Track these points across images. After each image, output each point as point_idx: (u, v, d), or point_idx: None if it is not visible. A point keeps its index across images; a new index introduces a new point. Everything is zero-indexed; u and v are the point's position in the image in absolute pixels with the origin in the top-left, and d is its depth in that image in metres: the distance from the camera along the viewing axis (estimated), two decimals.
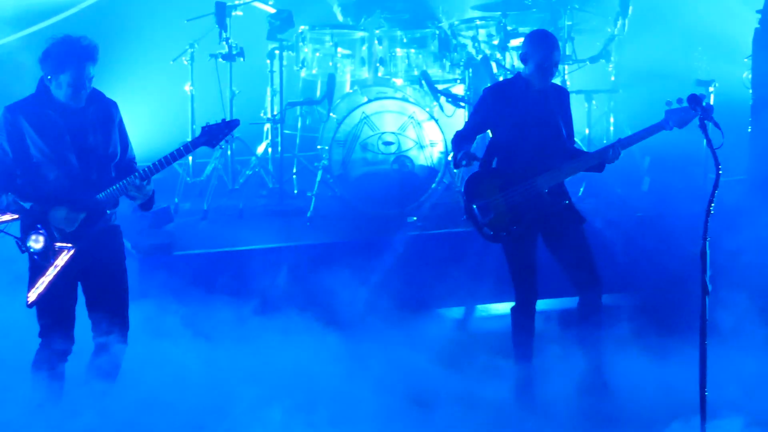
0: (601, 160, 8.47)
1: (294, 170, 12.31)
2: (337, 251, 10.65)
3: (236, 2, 12.21)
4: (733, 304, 9.14)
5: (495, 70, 11.88)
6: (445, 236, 11.00)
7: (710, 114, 7.40)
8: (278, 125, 12.25)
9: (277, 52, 12.27)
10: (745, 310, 9.30)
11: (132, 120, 8.15)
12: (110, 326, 7.62)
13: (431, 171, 11.51)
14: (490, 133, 8.64)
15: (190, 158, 12.27)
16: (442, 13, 12.64)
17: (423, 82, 11.98)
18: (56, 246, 7.35)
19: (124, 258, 7.73)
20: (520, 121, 8.42)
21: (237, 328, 9.31)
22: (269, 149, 12.50)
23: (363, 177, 11.46)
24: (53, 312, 7.51)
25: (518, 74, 8.66)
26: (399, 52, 12.15)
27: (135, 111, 10.33)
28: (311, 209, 11.39)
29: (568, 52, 12.35)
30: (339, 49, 12.16)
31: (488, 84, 11.15)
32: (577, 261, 8.50)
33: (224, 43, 12.03)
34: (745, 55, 12.36)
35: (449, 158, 11.29)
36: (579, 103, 12.22)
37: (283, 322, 9.50)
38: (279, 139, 12.26)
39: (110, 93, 7.74)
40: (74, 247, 7.37)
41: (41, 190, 7.40)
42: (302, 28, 12.18)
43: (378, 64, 12.03)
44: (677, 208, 11.17)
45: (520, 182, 8.38)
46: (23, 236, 7.34)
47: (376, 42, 12.06)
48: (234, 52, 12.02)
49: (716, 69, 12.75)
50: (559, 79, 12.09)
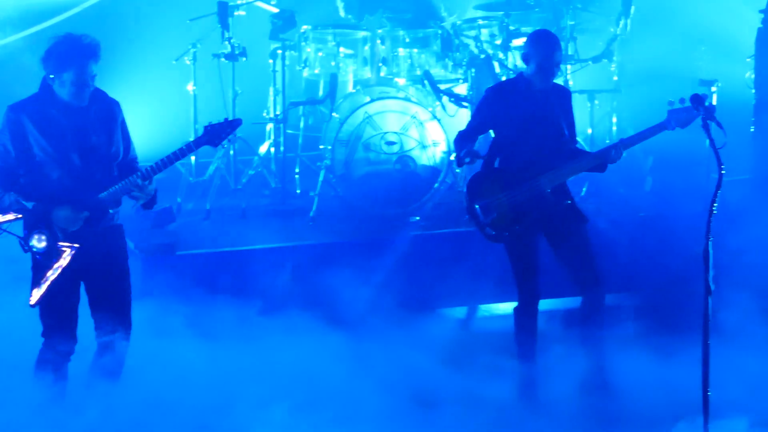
0: (603, 160, 8.48)
1: (297, 170, 12.29)
2: (339, 251, 10.65)
3: (239, 2, 12.20)
4: (736, 304, 9.14)
5: (497, 69, 11.87)
6: (447, 236, 10.99)
7: (713, 114, 7.39)
8: (281, 125, 12.24)
9: (279, 51, 12.26)
10: (748, 310, 9.30)
11: (134, 119, 8.14)
12: (113, 326, 7.62)
13: (434, 171, 11.50)
14: (492, 133, 8.64)
15: (193, 158, 12.26)
16: (444, 12, 12.63)
17: (425, 81, 11.97)
18: (59, 245, 7.35)
19: (126, 257, 7.73)
20: (522, 121, 8.42)
21: (240, 328, 9.32)
22: (272, 149, 12.49)
23: (365, 177, 11.45)
24: (56, 312, 7.51)
25: (520, 74, 8.66)
26: (401, 51, 12.13)
27: (137, 110, 10.31)
28: (314, 209, 11.38)
29: (571, 51, 12.33)
30: (341, 49, 12.15)
31: (491, 84, 11.14)
32: (579, 261, 8.50)
33: (227, 42, 12.02)
34: (748, 54, 12.35)
35: (452, 158, 11.28)
36: (581, 103, 12.20)
37: (286, 321, 9.51)
38: (281, 139, 12.25)
39: (113, 92, 7.74)
40: (77, 246, 7.38)
41: (44, 189, 7.40)
42: (305, 27, 12.16)
43: (380, 64, 12.01)
44: (680, 208, 11.16)
45: (522, 182, 8.38)
46: (26, 236, 7.33)
47: (378, 42, 12.04)
48: (236, 52, 12.00)
49: (719, 69, 12.72)
50: (562, 79, 12.08)
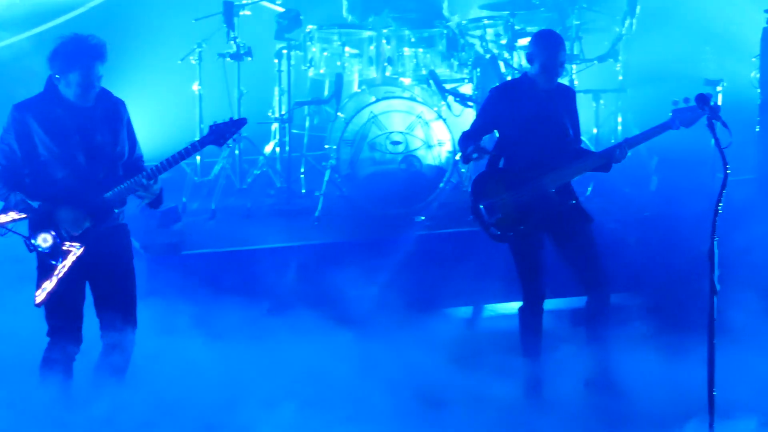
0: (607, 159, 8.47)
1: (302, 170, 12.29)
2: (344, 251, 10.65)
3: (244, 2, 12.20)
4: (742, 303, 9.13)
5: (503, 69, 11.87)
6: (452, 236, 10.99)
7: (718, 113, 7.38)
8: (286, 125, 12.24)
9: (284, 51, 12.25)
10: (754, 309, 9.29)
11: (140, 119, 8.14)
12: (118, 325, 7.62)
13: (439, 170, 11.50)
14: (497, 133, 8.64)
15: (198, 157, 12.27)
16: (449, 13, 12.63)
17: (431, 81, 11.97)
18: (64, 245, 7.36)
19: (132, 257, 7.73)
20: (527, 121, 8.42)
21: (245, 327, 9.31)
22: (277, 149, 12.48)
23: (371, 176, 11.45)
24: (61, 311, 7.51)
25: (525, 74, 8.67)
26: (407, 51, 12.12)
27: (143, 110, 10.30)
28: (319, 209, 11.38)
29: (576, 51, 12.33)
30: (347, 49, 12.14)
31: (496, 83, 11.14)
32: (585, 261, 8.49)
33: (232, 42, 12.03)
34: (754, 54, 12.33)
35: (457, 158, 11.28)
36: (587, 103, 12.21)
37: (291, 321, 9.51)
38: (287, 139, 12.24)
39: (118, 92, 7.74)
40: (82, 246, 7.38)
41: (49, 189, 7.40)
42: (310, 27, 12.16)
43: (386, 64, 12.01)
44: (685, 207, 11.14)
45: (527, 182, 8.37)
46: (31, 235, 7.34)
47: (384, 41, 12.03)
48: (242, 52, 12.01)
49: (724, 68, 12.72)
50: (567, 79, 12.07)
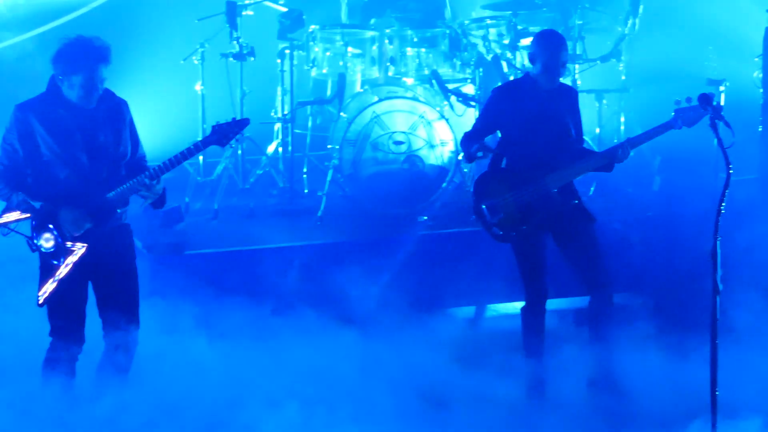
0: (610, 159, 8.47)
1: (304, 169, 12.30)
2: (347, 250, 10.65)
3: (247, 1, 12.21)
4: (745, 303, 9.12)
5: (505, 69, 11.87)
6: (455, 235, 10.99)
7: (720, 113, 7.38)
8: (289, 124, 12.24)
9: (287, 51, 12.25)
10: (757, 309, 9.28)
11: (142, 119, 8.14)
12: (121, 325, 7.62)
13: (442, 170, 11.50)
14: (499, 133, 8.64)
15: (201, 157, 12.27)
16: (452, 13, 12.63)
17: (433, 81, 11.97)
18: (67, 245, 7.36)
19: (134, 257, 7.74)
20: (529, 121, 8.42)
21: (248, 327, 9.31)
22: (280, 148, 12.49)
23: (373, 176, 11.45)
24: (64, 311, 7.52)
25: (527, 74, 8.67)
26: (409, 51, 12.12)
27: (145, 110, 10.30)
28: (322, 208, 11.38)
29: (579, 51, 12.33)
30: (349, 49, 12.15)
31: (498, 83, 11.14)
32: (587, 261, 8.49)
33: (235, 42, 12.03)
34: (756, 54, 12.33)
35: (460, 158, 11.28)
36: (590, 103, 12.21)
37: (294, 321, 9.51)
38: (289, 139, 12.25)
39: (121, 92, 7.75)
40: (85, 246, 7.38)
41: (51, 189, 7.41)
42: (313, 27, 12.16)
43: (388, 64, 12.01)
44: (688, 207, 11.15)
45: (529, 182, 8.37)
46: (34, 235, 7.35)
47: (386, 41, 12.03)
48: (244, 52, 12.01)
49: (727, 68, 12.71)
50: (570, 79, 12.08)
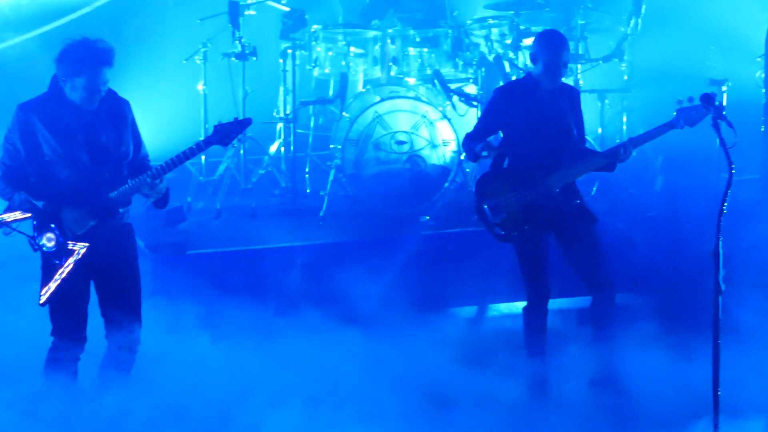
0: (612, 159, 8.47)
1: (306, 169, 12.30)
2: (349, 250, 10.65)
3: (249, 1, 12.21)
4: (747, 303, 9.12)
5: (508, 69, 11.87)
6: (457, 235, 10.99)
7: (723, 113, 7.38)
8: (291, 124, 12.24)
9: (289, 51, 12.26)
10: (760, 309, 9.28)
11: (145, 119, 8.15)
12: (123, 325, 7.63)
13: (444, 170, 11.50)
14: (501, 133, 8.64)
15: (203, 157, 12.26)
16: (455, 12, 12.62)
17: (436, 81, 11.97)
18: (69, 245, 7.37)
19: (136, 256, 7.74)
20: (530, 121, 8.42)
21: (250, 327, 9.31)
22: (282, 148, 12.49)
23: (375, 176, 11.45)
24: (66, 311, 7.52)
25: (528, 74, 8.67)
26: (412, 51, 12.12)
27: (148, 110, 10.31)
28: (324, 208, 11.38)
29: (581, 51, 12.32)
30: (352, 49, 12.15)
31: (501, 83, 11.15)
32: (589, 261, 8.49)
33: (237, 42, 12.03)
34: (759, 54, 12.33)
35: (462, 157, 11.28)
36: (592, 103, 12.20)
37: (296, 320, 9.52)
38: (291, 138, 12.24)
39: (123, 92, 7.74)
40: (87, 245, 7.39)
41: (53, 188, 7.41)
42: (315, 27, 12.17)
43: (391, 63, 12.01)
44: (690, 207, 11.13)
45: (531, 182, 8.37)
46: (36, 234, 7.35)
47: (388, 41, 12.04)
48: (247, 51, 12.01)
49: (729, 68, 12.71)
50: (572, 79, 12.08)
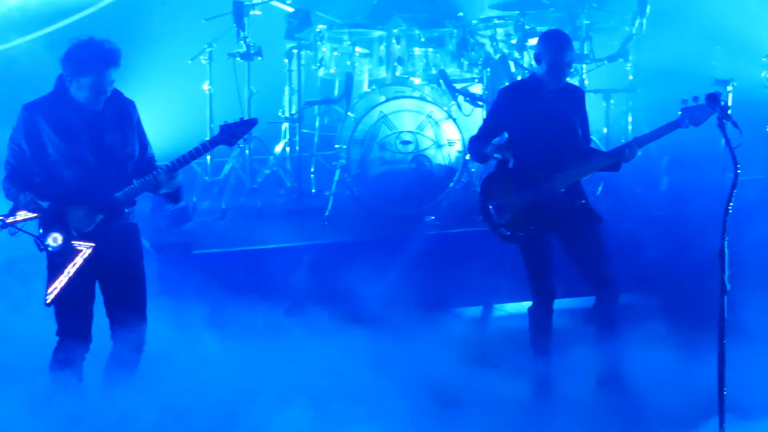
0: (617, 159, 8.47)
1: (312, 169, 12.30)
2: (354, 250, 10.66)
3: (254, 1, 12.21)
4: (753, 302, 9.12)
5: (513, 69, 11.86)
6: (462, 235, 10.99)
7: (728, 112, 7.37)
8: (296, 124, 12.24)
9: (295, 51, 12.25)
10: (765, 308, 9.27)
11: (150, 119, 8.15)
12: (129, 325, 7.63)
13: (449, 170, 11.50)
14: (506, 134, 8.64)
15: (209, 157, 12.26)
16: (460, 13, 12.62)
17: (441, 81, 11.97)
18: (74, 244, 7.37)
19: (142, 256, 7.75)
20: (535, 121, 8.42)
21: (255, 326, 9.32)
22: (287, 148, 12.49)
23: (381, 176, 11.46)
24: (71, 310, 7.52)
25: (533, 74, 8.68)
26: (417, 51, 12.11)
27: (153, 110, 10.29)
28: (329, 208, 11.38)
29: (586, 51, 12.31)
30: (357, 48, 12.15)
31: (506, 83, 11.15)
32: (593, 261, 8.49)
33: (242, 42, 12.02)
34: (764, 54, 12.32)
35: (467, 157, 11.28)
36: (597, 102, 12.19)
37: (301, 320, 9.53)
38: (297, 138, 12.25)
39: (128, 92, 7.75)
40: (92, 245, 7.39)
41: (58, 188, 7.41)
42: (320, 27, 12.17)
43: (396, 63, 12.01)
44: (695, 207, 11.13)
45: (536, 182, 8.37)
46: (41, 235, 7.35)
47: (394, 41, 12.04)
48: (252, 51, 12.00)
49: (734, 68, 12.70)
50: (577, 78, 12.06)
